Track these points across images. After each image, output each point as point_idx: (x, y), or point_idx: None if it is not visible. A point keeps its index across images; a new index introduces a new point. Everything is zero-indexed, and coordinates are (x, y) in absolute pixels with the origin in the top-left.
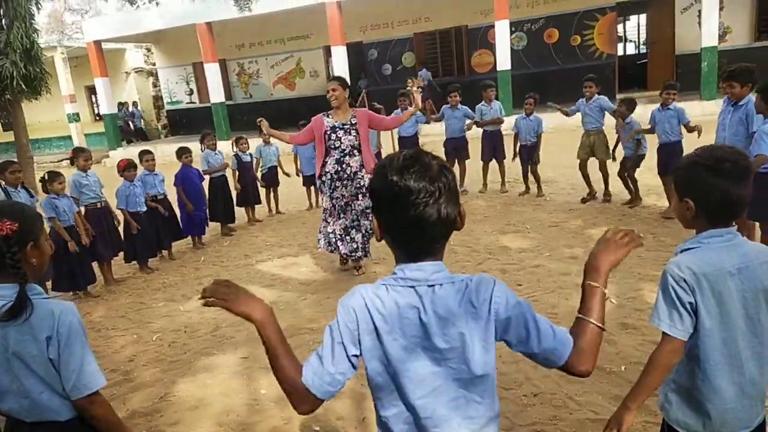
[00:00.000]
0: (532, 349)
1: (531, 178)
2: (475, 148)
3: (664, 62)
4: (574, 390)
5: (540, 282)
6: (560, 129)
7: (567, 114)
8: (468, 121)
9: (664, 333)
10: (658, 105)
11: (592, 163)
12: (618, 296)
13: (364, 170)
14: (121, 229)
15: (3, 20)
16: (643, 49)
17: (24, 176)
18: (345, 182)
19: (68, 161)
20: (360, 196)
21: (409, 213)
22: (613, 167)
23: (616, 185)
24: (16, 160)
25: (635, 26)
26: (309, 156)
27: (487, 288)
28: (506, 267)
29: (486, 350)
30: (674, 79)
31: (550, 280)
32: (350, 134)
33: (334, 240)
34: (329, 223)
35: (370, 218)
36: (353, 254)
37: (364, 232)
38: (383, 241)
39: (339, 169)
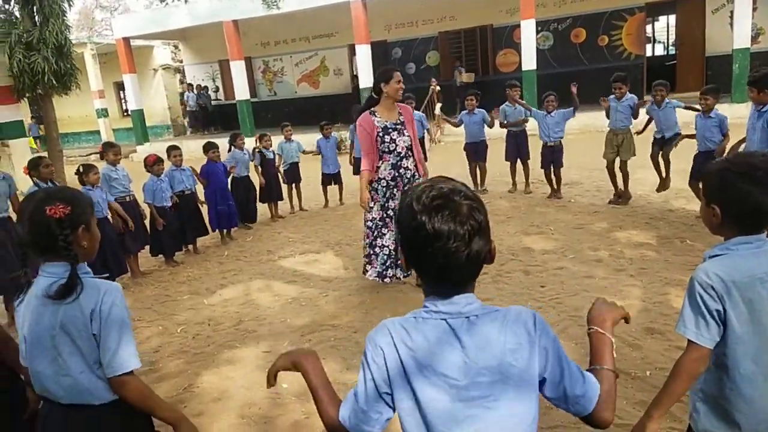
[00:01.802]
0: (564, 391)
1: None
2: (499, 148)
3: (693, 64)
4: (590, 430)
5: (564, 284)
6: (585, 130)
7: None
8: (495, 119)
9: (689, 340)
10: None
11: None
12: (644, 300)
13: (417, 173)
14: (147, 222)
15: (36, 17)
16: (672, 50)
17: (55, 168)
18: (405, 189)
19: (97, 155)
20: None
21: (438, 255)
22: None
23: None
24: (45, 154)
25: (664, 27)
26: (332, 153)
27: (528, 318)
28: (529, 268)
29: (529, 385)
30: (704, 81)
31: (574, 283)
32: (403, 134)
33: (389, 262)
34: (383, 236)
35: None
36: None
37: None
38: None
39: (396, 174)
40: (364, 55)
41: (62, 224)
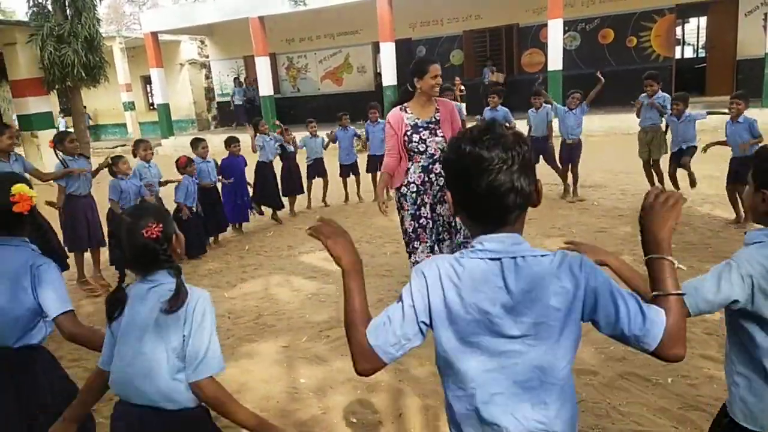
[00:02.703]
0: (622, 331)
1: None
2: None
3: (723, 67)
4: (617, 400)
5: None
6: (611, 132)
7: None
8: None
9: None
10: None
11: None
12: None
13: None
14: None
15: (68, 10)
16: (701, 53)
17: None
18: (438, 195)
19: (122, 148)
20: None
21: (482, 181)
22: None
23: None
24: (69, 130)
25: (694, 29)
26: (348, 144)
27: (574, 262)
28: None
29: (570, 328)
30: (734, 85)
31: None
32: (436, 135)
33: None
34: (415, 250)
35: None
36: None
37: None
38: None
39: (426, 179)
40: (388, 53)
41: (160, 241)
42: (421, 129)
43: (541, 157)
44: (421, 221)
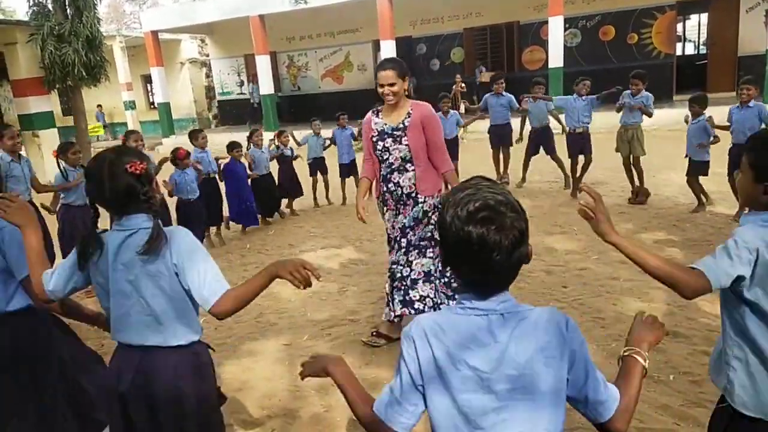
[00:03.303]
0: (585, 396)
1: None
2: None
3: (725, 63)
4: None
5: (586, 285)
6: (613, 130)
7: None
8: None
9: (700, 271)
10: (737, 103)
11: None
12: (669, 303)
13: (418, 191)
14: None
15: (68, 9)
16: (702, 50)
17: (83, 159)
18: (397, 208)
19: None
20: (420, 226)
21: (481, 264)
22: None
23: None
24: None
25: (695, 25)
26: (346, 144)
27: (561, 321)
28: (552, 268)
29: (559, 381)
30: (736, 81)
31: (597, 284)
32: (400, 143)
33: (389, 290)
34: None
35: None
36: (410, 309)
37: (435, 277)
38: None
39: (384, 189)
40: (388, 51)
41: (142, 180)
42: (386, 136)
43: (541, 148)
44: (389, 232)
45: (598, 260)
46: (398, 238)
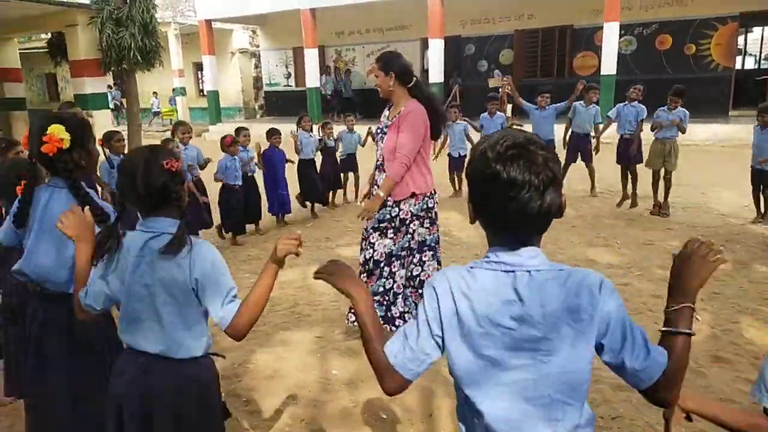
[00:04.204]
0: (622, 361)
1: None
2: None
3: None
4: (656, 418)
5: (628, 302)
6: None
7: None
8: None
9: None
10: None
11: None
12: (713, 327)
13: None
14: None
15: None
16: (764, 65)
17: (133, 142)
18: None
19: (171, 133)
20: (377, 233)
21: (510, 205)
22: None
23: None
24: (119, 130)
25: (758, 39)
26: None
27: (594, 282)
28: None
29: (584, 347)
30: None
31: (639, 301)
32: (383, 140)
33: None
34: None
35: (386, 270)
36: (390, 326)
37: (389, 299)
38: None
39: (373, 184)
40: (436, 50)
41: (175, 179)
42: (381, 132)
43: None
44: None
45: (641, 276)
46: (368, 236)
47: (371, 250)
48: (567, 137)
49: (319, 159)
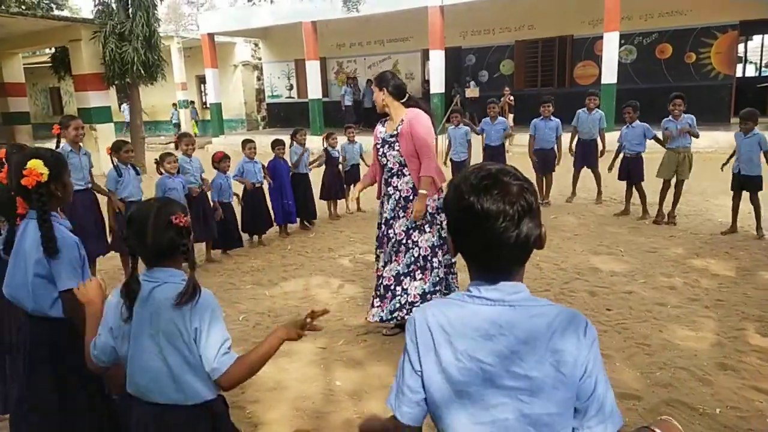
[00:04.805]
0: (586, 410)
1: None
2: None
3: None
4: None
5: (632, 309)
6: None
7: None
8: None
9: None
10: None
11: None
12: (718, 334)
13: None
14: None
15: (129, 9)
16: (765, 72)
17: (136, 155)
18: (395, 210)
19: (173, 145)
20: (416, 231)
21: (486, 236)
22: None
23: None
24: (128, 140)
25: (758, 47)
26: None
27: (581, 324)
28: (595, 289)
29: (565, 390)
30: None
31: (643, 309)
32: (393, 149)
33: (373, 295)
34: (378, 261)
35: (435, 261)
36: (394, 317)
37: (422, 281)
38: None
39: (385, 191)
40: (437, 61)
41: (184, 233)
42: (384, 143)
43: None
44: (379, 233)
45: (645, 284)
46: (400, 239)
47: (417, 248)
48: (573, 145)
49: (321, 170)
